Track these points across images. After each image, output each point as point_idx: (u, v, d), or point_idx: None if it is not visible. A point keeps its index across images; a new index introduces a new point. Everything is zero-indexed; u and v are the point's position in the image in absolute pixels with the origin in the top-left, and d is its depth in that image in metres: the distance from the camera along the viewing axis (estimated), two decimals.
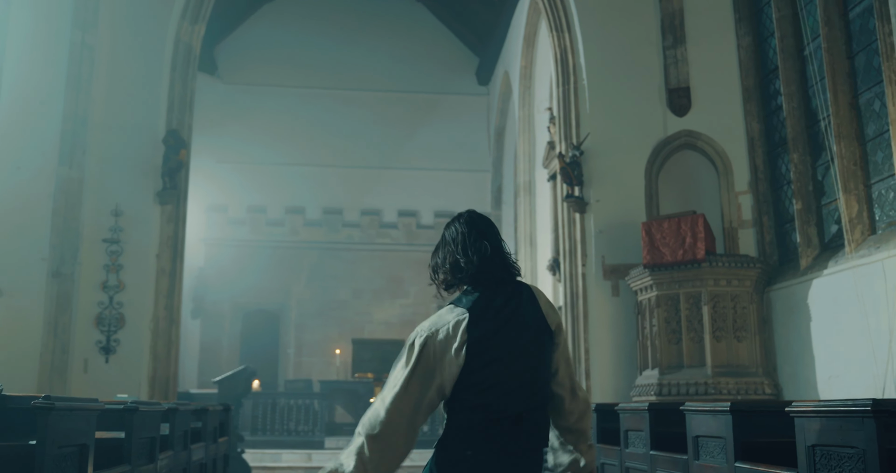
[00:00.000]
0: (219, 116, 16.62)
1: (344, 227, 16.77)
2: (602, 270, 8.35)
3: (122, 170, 8.44)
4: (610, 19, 8.88)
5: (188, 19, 8.90)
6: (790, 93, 7.55)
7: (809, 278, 6.95)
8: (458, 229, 2.27)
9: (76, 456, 2.48)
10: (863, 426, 2.35)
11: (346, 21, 17.43)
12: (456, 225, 2.28)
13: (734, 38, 8.50)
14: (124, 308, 8.17)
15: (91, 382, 7.88)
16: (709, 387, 7.08)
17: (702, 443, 3.47)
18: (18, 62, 8.00)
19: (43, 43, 8.27)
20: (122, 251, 8.26)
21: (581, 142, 8.54)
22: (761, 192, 8.12)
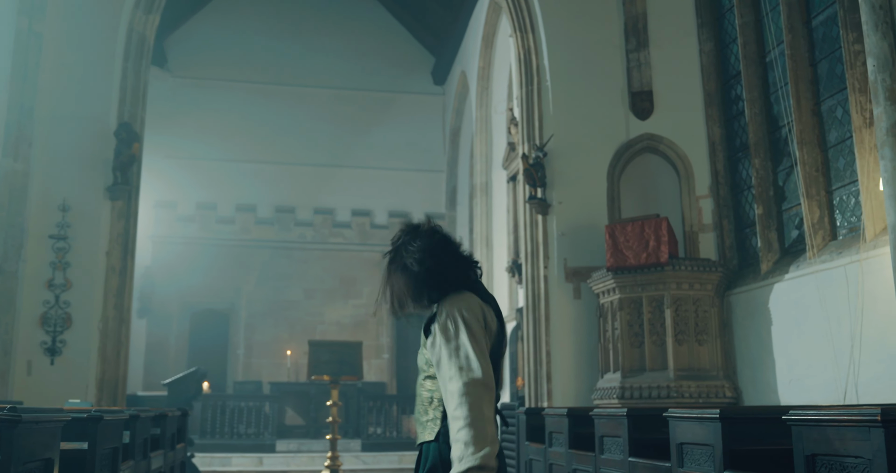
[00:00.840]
0: (168, 110, 16.17)
1: (296, 226, 16.47)
2: (564, 272, 8.32)
3: (70, 163, 8.07)
4: (574, 21, 8.86)
5: (142, 9, 8.58)
6: (752, 98, 7.62)
7: (770, 283, 7.01)
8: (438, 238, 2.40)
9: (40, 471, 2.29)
10: (870, 435, 2.30)
11: (302, 17, 17.16)
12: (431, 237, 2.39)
13: (696, 43, 8.56)
14: (71, 308, 7.80)
15: (35, 385, 7.51)
16: (671, 391, 7.09)
17: (686, 451, 3.42)
18: None
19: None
20: (69, 248, 7.89)
21: (545, 143, 8.50)
22: (722, 196, 8.19)
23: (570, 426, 4.89)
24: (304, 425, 14.21)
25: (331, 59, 17.24)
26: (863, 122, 5.83)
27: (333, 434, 8.66)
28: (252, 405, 12.58)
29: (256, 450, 11.61)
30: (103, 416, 2.92)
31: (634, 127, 8.64)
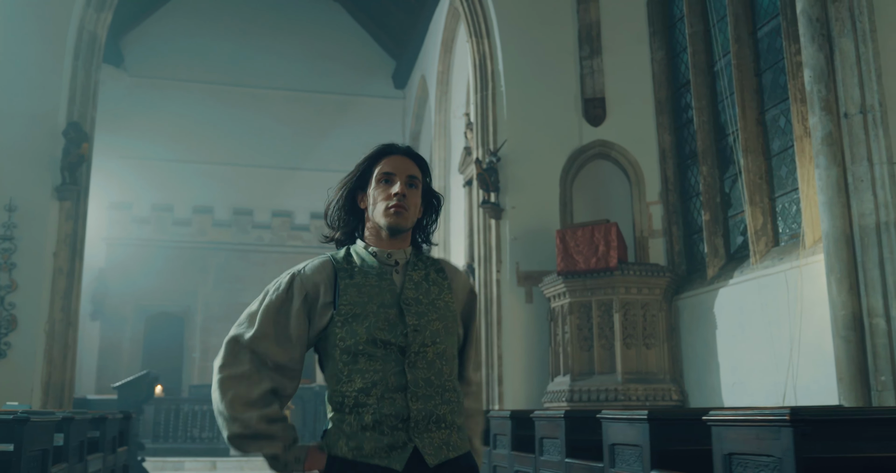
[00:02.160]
0: (124, 109, 15.97)
1: (254, 228, 16.37)
2: (516, 276, 8.39)
3: (17, 162, 7.93)
4: (529, 27, 8.95)
5: (93, 6, 8.47)
6: (700, 107, 7.77)
7: (716, 288, 7.15)
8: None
9: None
10: (780, 434, 2.37)
11: (260, 18, 17.05)
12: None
13: (648, 51, 8.71)
14: (17, 309, 7.67)
15: None
16: (619, 394, 7.18)
17: (618, 451, 3.48)
18: None
19: None
20: (15, 249, 7.76)
21: (498, 148, 8.57)
22: (671, 202, 8.33)
23: (512, 428, 4.93)
24: None
25: (290, 60, 17.17)
26: (803, 131, 5.99)
27: None
28: (207, 408, 12.43)
29: (210, 454, 11.48)
30: (30, 418, 2.89)
31: (587, 133, 8.75)
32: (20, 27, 8.20)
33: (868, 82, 4.64)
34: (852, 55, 4.82)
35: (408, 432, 1.72)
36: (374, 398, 1.72)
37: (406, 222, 1.81)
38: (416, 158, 1.89)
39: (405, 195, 1.80)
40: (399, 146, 1.90)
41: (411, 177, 1.84)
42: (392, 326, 1.74)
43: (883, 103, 4.60)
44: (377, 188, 1.84)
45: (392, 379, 1.73)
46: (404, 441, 1.71)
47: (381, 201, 1.82)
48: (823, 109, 4.91)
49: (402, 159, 1.86)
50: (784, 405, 5.92)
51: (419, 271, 1.84)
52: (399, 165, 1.85)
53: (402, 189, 1.80)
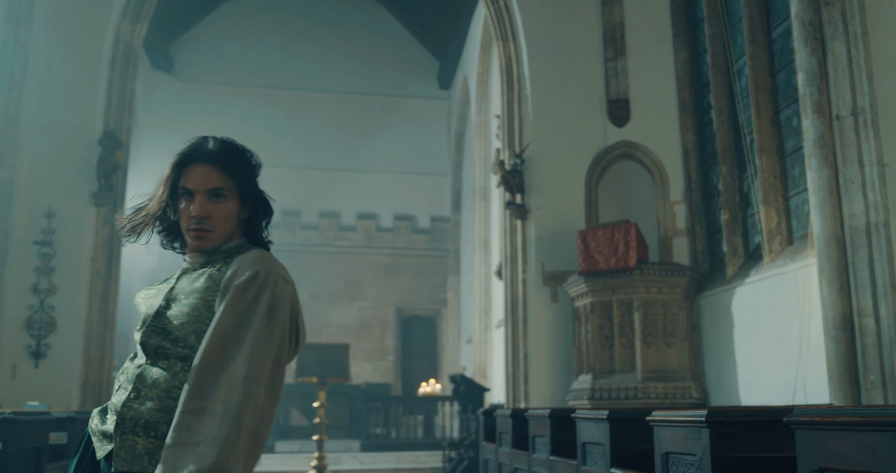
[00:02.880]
0: (174, 114, 16.56)
1: (302, 229, 16.82)
2: (542, 276, 8.53)
3: (55, 171, 8.31)
4: (554, 30, 9.06)
5: (129, 18, 8.85)
6: (720, 107, 7.78)
7: (733, 287, 7.17)
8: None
9: None
10: (700, 435, 2.51)
11: (307, 22, 17.47)
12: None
13: (672, 52, 8.73)
14: (56, 312, 8.03)
15: (20, 388, 7.70)
16: (638, 392, 7.27)
17: (588, 449, 3.64)
18: None
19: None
20: (54, 254, 8.16)
21: (523, 150, 8.72)
22: (694, 202, 8.35)
23: (513, 426, 5.11)
24: (309, 426, 14.49)
25: (337, 63, 17.54)
26: None
27: (320, 435, 8.93)
28: None
29: None
30: (17, 418, 3.17)
31: (612, 134, 8.82)
32: (58, 40, 8.57)
33: (859, 85, 4.66)
34: (844, 58, 4.85)
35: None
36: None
37: (210, 243, 1.73)
38: (222, 163, 1.73)
39: (206, 216, 1.70)
40: (202, 150, 1.75)
41: (214, 190, 1.71)
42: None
43: (874, 105, 4.62)
44: (181, 204, 1.74)
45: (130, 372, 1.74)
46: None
47: (183, 219, 1.73)
48: (816, 112, 4.95)
49: (203, 170, 1.72)
50: (793, 403, 5.94)
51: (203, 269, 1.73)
52: (199, 178, 1.71)
53: (200, 210, 1.69)
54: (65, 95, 8.47)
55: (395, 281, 16.86)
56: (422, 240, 17.40)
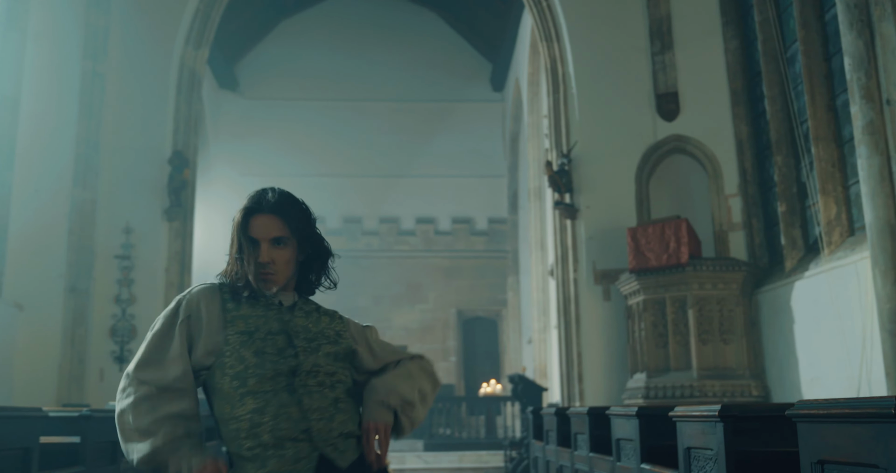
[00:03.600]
0: (241, 130, 17.08)
1: (363, 235, 17.08)
2: (593, 275, 8.49)
3: (131, 190, 8.88)
4: (597, 27, 9.02)
5: (192, 45, 9.30)
6: (773, 96, 7.62)
7: (792, 281, 7.01)
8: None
9: (19, 458, 2.78)
10: (715, 429, 2.51)
11: (361, 33, 17.74)
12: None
13: (721, 41, 8.58)
14: (136, 320, 8.62)
15: (106, 390, 8.24)
16: (694, 390, 7.18)
17: (622, 446, 3.65)
18: (35, 92, 8.43)
19: (57, 73, 8.74)
20: (133, 266, 8.68)
21: (569, 150, 8.70)
22: (750, 194, 8.19)
23: (558, 424, 5.14)
24: None
25: (392, 72, 17.76)
26: None
27: None
28: None
29: None
30: (93, 414, 3.43)
31: (661, 129, 8.73)
32: (130, 69, 9.14)
33: None
34: (893, 40, 4.71)
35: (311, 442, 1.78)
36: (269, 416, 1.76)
37: (274, 286, 1.87)
38: (282, 213, 1.89)
39: (271, 262, 1.85)
40: (264, 203, 1.90)
41: (276, 239, 1.87)
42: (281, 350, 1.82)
43: None
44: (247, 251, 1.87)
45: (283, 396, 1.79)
46: (308, 451, 1.77)
47: (251, 265, 1.85)
48: (864, 97, 4.83)
49: (265, 220, 1.88)
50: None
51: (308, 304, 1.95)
52: (262, 228, 1.87)
53: (265, 256, 1.85)
54: (137, 119, 9.05)
55: (455, 283, 16.96)
56: (480, 242, 17.46)
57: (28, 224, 8.19)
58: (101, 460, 3.61)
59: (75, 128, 8.83)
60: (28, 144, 8.29)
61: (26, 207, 8.21)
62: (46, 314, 8.26)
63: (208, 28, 9.39)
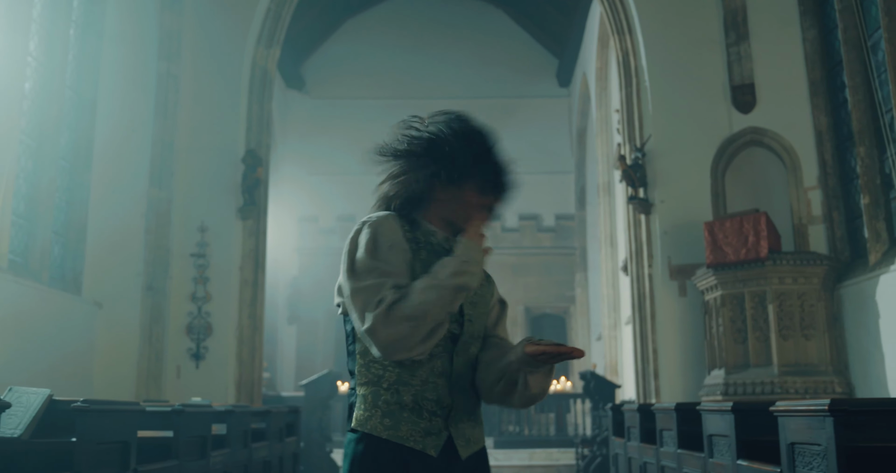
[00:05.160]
0: (308, 129, 17.34)
1: None
2: (668, 270, 8.35)
3: (205, 189, 9.03)
4: (671, 19, 8.86)
5: (263, 44, 9.44)
6: (855, 85, 7.37)
7: (877, 275, 6.78)
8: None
9: (117, 452, 2.86)
10: (824, 424, 2.44)
11: (426, 31, 17.81)
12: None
13: (799, 31, 8.35)
14: (211, 318, 8.76)
15: (183, 386, 8.45)
16: (775, 387, 7.00)
17: (714, 442, 3.58)
18: (111, 94, 8.63)
19: (132, 75, 8.93)
20: (208, 265, 8.84)
21: (643, 144, 8.57)
22: (830, 187, 7.95)
23: (640, 421, 5.07)
24: None
25: (457, 69, 17.77)
26: None
27: None
28: None
29: None
30: (185, 410, 3.51)
31: (737, 121, 8.53)
32: (203, 70, 9.31)
33: None
34: None
35: (446, 420, 1.66)
36: (418, 380, 1.65)
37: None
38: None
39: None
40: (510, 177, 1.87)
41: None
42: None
43: None
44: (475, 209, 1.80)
45: (439, 364, 1.66)
46: (440, 429, 1.65)
47: (472, 225, 1.77)
48: None
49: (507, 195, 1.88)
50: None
51: None
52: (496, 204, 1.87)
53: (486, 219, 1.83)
54: (210, 119, 9.20)
55: (522, 280, 16.89)
56: (547, 239, 17.36)
57: (106, 224, 8.39)
58: (192, 454, 3.70)
59: (151, 129, 9.03)
60: (105, 145, 8.49)
61: (104, 207, 8.40)
62: (125, 312, 8.47)
63: (279, 27, 9.52)
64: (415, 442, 1.64)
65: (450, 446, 1.67)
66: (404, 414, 1.65)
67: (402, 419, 1.64)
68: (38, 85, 7.38)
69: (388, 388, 1.66)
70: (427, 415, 1.65)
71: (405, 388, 1.65)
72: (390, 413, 1.65)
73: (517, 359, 1.66)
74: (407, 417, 1.65)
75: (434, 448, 1.64)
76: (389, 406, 1.65)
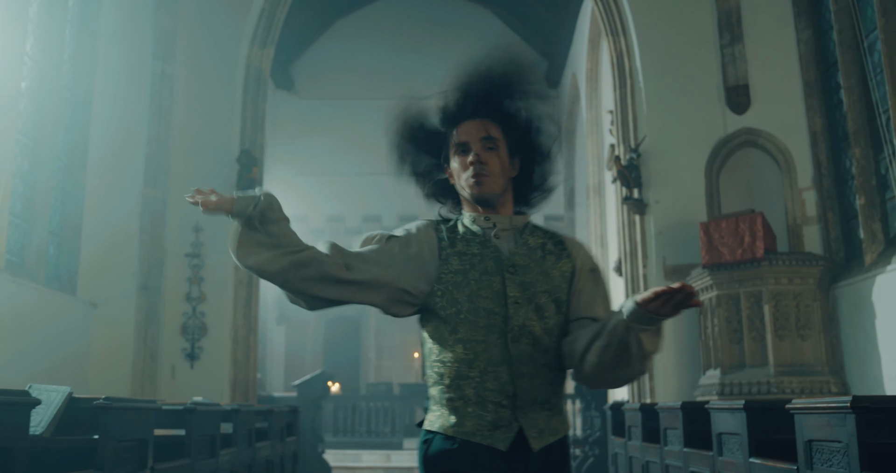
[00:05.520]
0: (297, 130, 17.29)
1: None
2: (663, 271, 8.39)
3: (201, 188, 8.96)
4: (665, 20, 8.91)
5: (258, 44, 9.41)
6: (850, 86, 7.44)
7: (873, 275, 6.84)
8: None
9: (136, 449, 2.86)
10: (845, 421, 2.46)
11: (415, 31, 17.82)
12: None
13: (793, 32, 8.41)
14: (206, 318, 8.73)
15: (178, 386, 8.41)
16: (771, 387, 7.04)
17: (724, 440, 3.60)
18: (106, 93, 8.59)
19: (127, 74, 8.88)
20: (202, 265, 8.81)
21: (638, 145, 8.61)
22: (825, 187, 8.01)
23: (642, 420, 5.09)
24: None
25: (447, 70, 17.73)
26: None
27: None
28: (381, 405, 13.29)
29: (385, 448, 12.27)
30: (197, 408, 3.50)
31: (732, 122, 8.58)
32: (198, 70, 9.26)
33: None
34: None
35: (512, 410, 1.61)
36: (477, 371, 1.61)
37: (491, 188, 1.71)
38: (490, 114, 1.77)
39: (483, 162, 1.70)
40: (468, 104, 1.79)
41: (485, 139, 1.73)
42: (496, 295, 1.63)
43: None
44: (454, 160, 1.77)
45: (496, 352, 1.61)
46: (508, 420, 1.60)
47: (461, 172, 1.74)
48: None
49: (472, 124, 1.77)
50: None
51: (535, 237, 1.74)
52: (470, 130, 1.75)
53: (476, 156, 1.70)
54: (206, 119, 9.16)
55: None
56: None
57: (101, 224, 8.36)
58: (203, 452, 3.69)
59: (147, 128, 8.98)
60: (100, 144, 8.45)
61: (99, 207, 8.38)
62: (120, 311, 8.42)
63: (273, 27, 9.49)
64: (482, 437, 1.59)
65: (521, 438, 1.61)
66: (468, 409, 1.60)
67: (467, 414, 1.60)
68: (34, 84, 7.33)
69: (450, 385, 1.63)
70: (492, 407, 1.60)
71: (465, 382, 1.61)
72: (455, 410, 1.62)
73: (628, 316, 1.55)
74: (472, 411, 1.60)
75: (503, 441, 1.59)
76: (454, 403, 1.62)
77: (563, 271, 1.72)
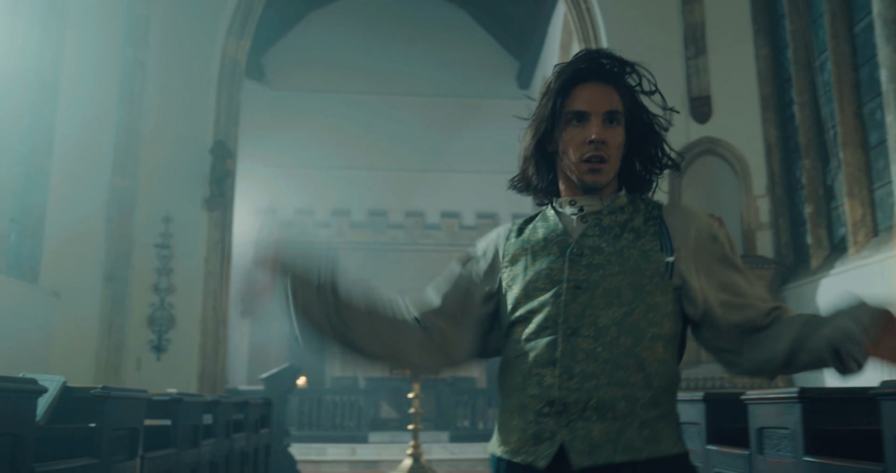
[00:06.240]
0: (267, 121, 17.28)
1: (389, 228, 17.29)
2: None
3: (171, 179, 8.93)
4: (635, 31, 9.20)
5: (234, 34, 9.42)
6: (803, 102, 7.84)
7: (818, 278, 7.25)
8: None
9: (128, 438, 2.98)
10: (793, 410, 2.75)
11: (391, 27, 17.91)
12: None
13: (753, 49, 8.81)
14: (175, 309, 8.70)
15: (144, 379, 8.28)
16: (724, 381, 7.42)
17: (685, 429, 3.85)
18: (75, 79, 8.45)
19: (97, 59, 8.74)
20: (172, 256, 8.79)
21: None
22: (777, 196, 8.42)
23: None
24: (398, 418, 14.93)
25: (421, 67, 17.92)
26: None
27: (416, 425, 9.26)
28: (347, 399, 13.42)
29: (350, 441, 12.38)
30: (183, 398, 3.64)
31: (694, 131, 8.94)
32: (172, 58, 9.18)
33: None
34: None
35: (556, 419, 1.32)
36: (521, 376, 1.37)
37: (607, 177, 1.44)
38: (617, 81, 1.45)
39: (604, 141, 1.40)
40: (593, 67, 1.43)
41: (610, 113, 1.43)
42: (553, 284, 1.37)
43: None
44: (566, 130, 1.43)
45: (542, 350, 1.34)
46: (552, 431, 1.32)
47: (571, 149, 1.42)
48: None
49: (597, 89, 1.44)
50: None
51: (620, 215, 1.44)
52: (593, 98, 1.42)
53: (599, 134, 1.39)
54: (179, 108, 9.10)
55: None
56: None
57: (66, 211, 8.23)
58: (187, 443, 3.82)
59: (116, 116, 8.85)
60: (67, 130, 8.29)
61: (65, 194, 8.24)
62: (84, 302, 8.33)
63: (251, 18, 9.50)
64: (526, 454, 1.33)
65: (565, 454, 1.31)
66: (513, 422, 1.37)
67: (512, 428, 1.37)
68: None
69: (503, 398, 1.42)
70: (533, 417, 1.34)
71: (511, 390, 1.39)
72: (503, 425, 1.40)
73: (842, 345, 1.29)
74: (516, 424, 1.36)
75: (545, 458, 1.31)
76: (503, 417, 1.41)
77: (646, 249, 1.39)
